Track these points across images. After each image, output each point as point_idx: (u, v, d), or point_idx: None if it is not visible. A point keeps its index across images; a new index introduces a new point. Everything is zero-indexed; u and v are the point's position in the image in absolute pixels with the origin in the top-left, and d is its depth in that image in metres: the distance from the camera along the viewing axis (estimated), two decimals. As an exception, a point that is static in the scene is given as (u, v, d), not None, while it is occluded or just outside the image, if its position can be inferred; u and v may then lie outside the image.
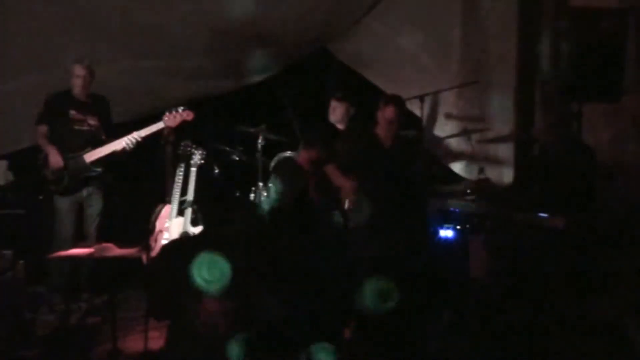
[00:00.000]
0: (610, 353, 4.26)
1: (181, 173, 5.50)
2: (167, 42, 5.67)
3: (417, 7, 6.21)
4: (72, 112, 5.05)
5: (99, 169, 5.10)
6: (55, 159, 4.95)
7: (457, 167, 6.41)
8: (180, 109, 5.04)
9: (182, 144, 5.52)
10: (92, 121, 5.10)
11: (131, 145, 4.99)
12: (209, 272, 3.09)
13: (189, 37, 5.68)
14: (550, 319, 4.60)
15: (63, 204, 5.08)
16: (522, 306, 4.56)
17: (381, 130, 5.18)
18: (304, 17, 5.91)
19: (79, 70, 5.04)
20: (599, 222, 5.17)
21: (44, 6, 5.14)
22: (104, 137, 5.12)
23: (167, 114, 5.02)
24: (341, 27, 6.52)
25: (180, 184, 5.50)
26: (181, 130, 5.36)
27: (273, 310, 3.21)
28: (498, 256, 4.92)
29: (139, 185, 5.92)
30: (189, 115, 5.07)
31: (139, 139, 5.02)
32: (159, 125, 5.03)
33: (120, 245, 4.16)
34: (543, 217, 4.40)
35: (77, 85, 5.05)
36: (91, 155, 5.03)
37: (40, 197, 5.54)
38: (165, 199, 5.59)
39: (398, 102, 5.20)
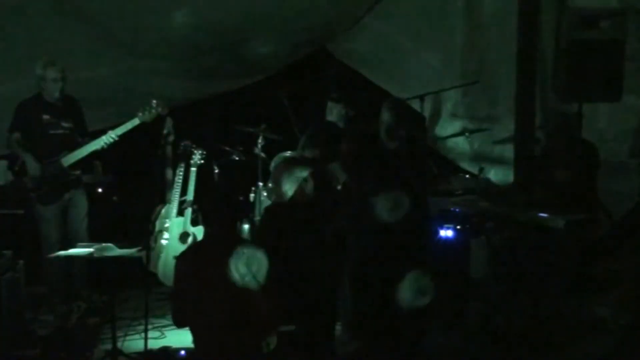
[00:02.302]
0: (609, 352, 4.26)
1: (181, 173, 5.51)
2: (167, 42, 5.67)
3: (417, 7, 6.20)
4: (45, 117, 4.93)
5: (78, 172, 5.01)
6: (32, 165, 4.85)
7: (458, 166, 6.42)
8: (154, 103, 4.94)
9: (182, 144, 5.53)
10: (66, 124, 4.99)
11: (107, 145, 4.91)
12: (247, 267, 3.10)
13: (189, 37, 5.68)
14: (550, 318, 4.60)
15: (46, 212, 4.97)
16: (522, 306, 4.56)
17: (384, 136, 5.21)
18: (304, 17, 5.91)
19: (55, 73, 4.88)
20: (599, 222, 5.17)
21: (44, 8, 5.14)
22: (79, 140, 5.03)
23: (141, 109, 4.93)
24: (341, 27, 6.52)
25: (180, 184, 5.51)
26: (181, 130, 5.36)
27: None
28: (498, 256, 4.91)
29: (139, 185, 5.91)
30: (163, 109, 4.98)
31: (116, 138, 4.93)
32: (135, 122, 4.91)
33: (120, 245, 4.16)
34: (543, 217, 4.39)
35: (54, 90, 4.90)
36: (68, 159, 4.93)
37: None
38: (165, 199, 5.60)
39: (398, 106, 5.22)
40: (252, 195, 5.67)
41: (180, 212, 5.49)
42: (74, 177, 5.00)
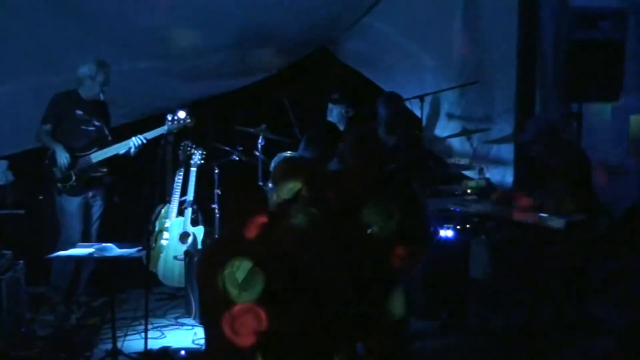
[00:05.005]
0: (609, 352, 4.27)
1: (181, 173, 5.51)
2: (167, 42, 5.67)
3: (417, 7, 6.20)
4: (79, 113, 5.00)
5: (105, 169, 5.08)
6: (63, 155, 4.90)
7: (458, 167, 6.41)
8: (181, 114, 5.04)
9: (182, 144, 5.54)
10: (97, 122, 5.07)
11: (136, 147, 4.99)
12: (243, 280, 3.05)
13: (189, 37, 5.68)
14: (550, 318, 4.60)
15: (71, 205, 5.00)
16: (522, 306, 4.56)
17: (382, 132, 5.23)
18: (304, 17, 5.91)
19: (105, 76, 5.00)
20: (599, 222, 5.17)
21: (45, 8, 5.14)
22: (110, 138, 5.10)
23: (169, 118, 5.02)
24: (341, 27, 6.52)
25: (180, 184, 5.51)
26: (181, 130, 5.36)
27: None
28: (498, 256, 4.91)
29: (139, 185, 5.91)
30: (191, 122, 5.08)
31: (145, 141, 5.01)
32: (163, 129, 5.03)
33: (120, 245, 4.16)
34: (543, 217, 4.39)
35: (99, 91, 5.00)
36: (97, 156, 5.00)
37: (40, 197, 5.54)
38: (165, 199, 5.61)
39: (394, 100, 5.22)
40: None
41: (180, 212, 5.50)
42: (101, 173, 5.07)
